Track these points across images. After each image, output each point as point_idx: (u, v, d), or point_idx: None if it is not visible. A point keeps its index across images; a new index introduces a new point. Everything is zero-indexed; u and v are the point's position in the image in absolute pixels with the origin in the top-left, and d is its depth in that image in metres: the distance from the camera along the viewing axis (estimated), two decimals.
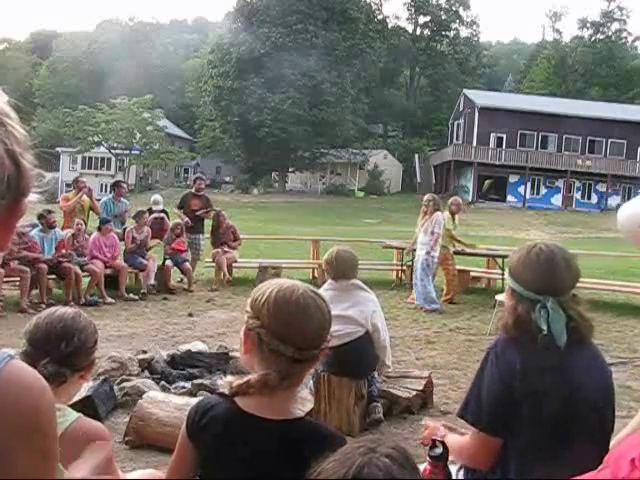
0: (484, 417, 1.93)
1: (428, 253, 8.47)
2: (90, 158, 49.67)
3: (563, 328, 1.88)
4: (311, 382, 4.21)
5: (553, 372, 1.88)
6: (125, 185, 10.79)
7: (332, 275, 4.18)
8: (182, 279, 9.78)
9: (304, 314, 1.38)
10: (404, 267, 10.57)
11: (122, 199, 10.03)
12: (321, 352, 1.42)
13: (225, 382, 1.48)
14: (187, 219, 9.90)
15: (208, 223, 10.39)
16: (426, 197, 8.92)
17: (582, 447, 1.88)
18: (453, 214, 9.30)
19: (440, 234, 8.50)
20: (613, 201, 36.82)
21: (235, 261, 10.06)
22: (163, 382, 4.60)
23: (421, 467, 1.98)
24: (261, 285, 1.46)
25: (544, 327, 1.88)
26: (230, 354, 5.12)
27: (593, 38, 57.26)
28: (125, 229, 9.51)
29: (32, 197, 0.89)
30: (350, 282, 4.16)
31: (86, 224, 9.14)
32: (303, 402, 4.00)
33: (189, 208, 10.09)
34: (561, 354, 1.89)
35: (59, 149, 49.93)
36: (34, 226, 8.46)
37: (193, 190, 10.58)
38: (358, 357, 4.09)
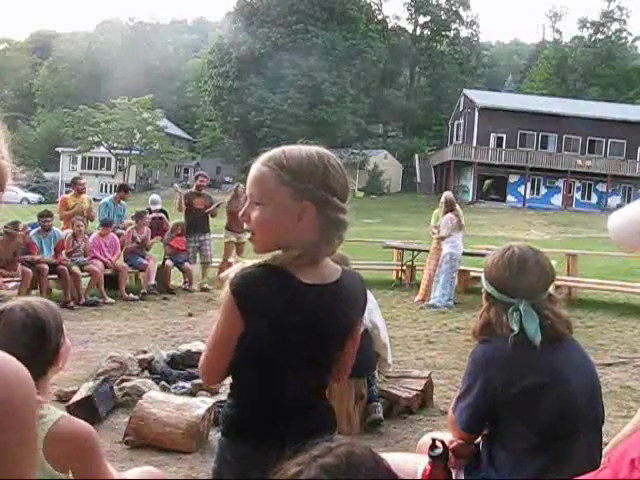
0: (465, 420, 2.01)
1: (447, 250, 8.68)
2: (90, 158, 49.68)
3: (537, 328, 1.90)
4: None
5: (534, 371, 1.90)
6: (130, 191, 10.79)
7: None
8: (203, 280, 9.67)
9: (342, 168, 1.52)
10: (404, 267, 10.58)
11: (122, 202, 10.05)
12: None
13: (276, 257, 1.47)
14: (216, 205, 9.66)
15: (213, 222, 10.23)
16: (443, 197, 9.01)
17: (574, 443, 1.89)
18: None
19: (445, 237, 8.68)
20: (613, 201, 36.83)
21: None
22: (163, 382, 4.60)
23: (421, 467, 1.98)
24: (290, 153, 1.48)
25: (515, 328, 1.90)
26: None
27: (593, 38, 57.26)
28: (125, 229, 9.54)
29: (32, 197, 0.88)
30: None
31: (85, 225, 9.15)
32: None
33: (194, 207, 9.62)
34: (539, 352, 1.90)
35: (59, 149, 49.96)
36: (33, 226, 8.47)
37: (194, 189, 10.00)
38: (358, 355, 4.08)
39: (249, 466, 1.49)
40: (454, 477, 2.03)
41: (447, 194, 9.13)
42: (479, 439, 2.09)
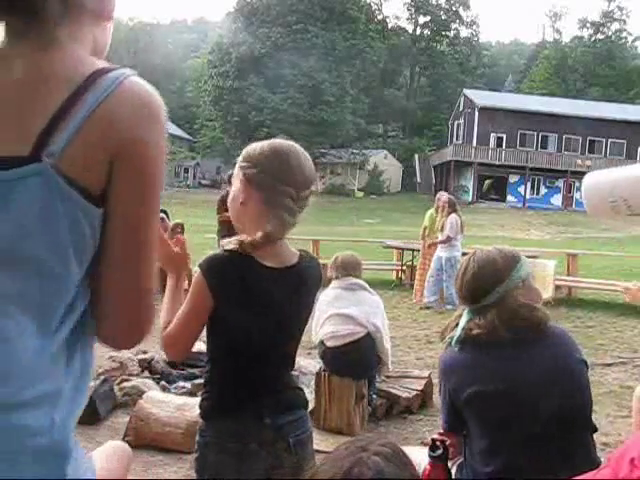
0: (443, 418, 2.16)
1: (451, 254, 8.51)
2: None
3: (460, 331, 2.01)
4: (313, 382, 4.22)
5: (483, 378, 1.94)
6: None
7: (335, 275, 4.17)
8: None
9: (297, 158, 1.59)
10: (404, 267, 10.58)
11: None
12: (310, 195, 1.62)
13: (234, 241, 1.58)
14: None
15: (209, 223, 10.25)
16: (444, 198, 8.89)
17: (531, 449, 1.88)
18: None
19: (452, 237, 8.51)
20: None
21: None
22: (163, 382, 4.61)
23: (421, 468, 1.98)
24: (250, 145, 1.64)
25: (453, 334, 2.04)
26: None
27: (593, 38, 57.30)
28: None
29: None
30: (354, 281, 4.16)
31: None
32: None
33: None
34: (493, 358, 1.94)
35: None
36: None
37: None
38: (359, 357, 4.09)
39: (231, 439, 1.60)
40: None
41: (445, 195, 9.07)
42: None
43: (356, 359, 4.05)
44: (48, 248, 0.92)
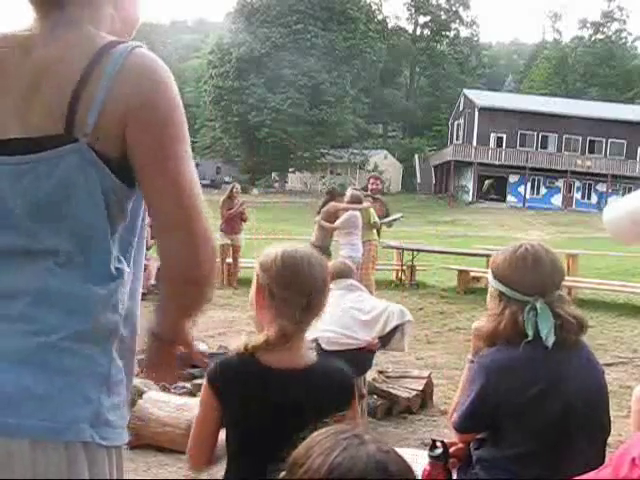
0: (456, 419, 1.98)
1: (349, 254, 7.75)
2: None
3: (551, 329, 1.84)
4: None
5: (538, 379, 1.85)
6: None
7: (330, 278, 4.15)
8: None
9: (306, 266, 1.60)
10: (404, 267, 10.58)
11: None
12: (324, 298, 1.62)
13: (240, 343, 1.61)
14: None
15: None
16: (348, 192, 8.32)
17: (571, 451, 1.85)
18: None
19: (352, 232, 7.90)
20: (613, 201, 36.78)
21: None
22: (163, 382, 4.60)
23: (420, 467, 1.98)
24: (267, 249, 1.66)
25: (530, 332, 1.84)
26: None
27: (593, 38, 57.34)
28: None
29: None
30: (350, 282, 4.16)
31: None
32: None
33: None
34: (546, 358, 1.85)
35: None
36: None
37: (368, 192, 8.46)
38: (355, 361, 4.05)
39: None
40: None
41: (351, 189, 8.48)
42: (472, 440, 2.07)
43: (352, 360, 4.02)
44: (87, 208, 1.07)
